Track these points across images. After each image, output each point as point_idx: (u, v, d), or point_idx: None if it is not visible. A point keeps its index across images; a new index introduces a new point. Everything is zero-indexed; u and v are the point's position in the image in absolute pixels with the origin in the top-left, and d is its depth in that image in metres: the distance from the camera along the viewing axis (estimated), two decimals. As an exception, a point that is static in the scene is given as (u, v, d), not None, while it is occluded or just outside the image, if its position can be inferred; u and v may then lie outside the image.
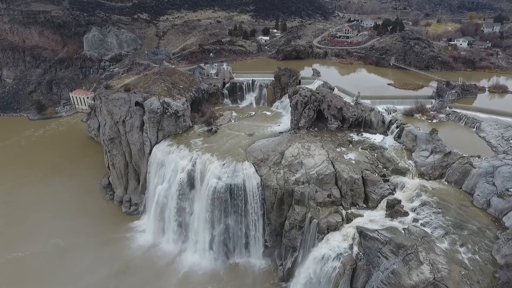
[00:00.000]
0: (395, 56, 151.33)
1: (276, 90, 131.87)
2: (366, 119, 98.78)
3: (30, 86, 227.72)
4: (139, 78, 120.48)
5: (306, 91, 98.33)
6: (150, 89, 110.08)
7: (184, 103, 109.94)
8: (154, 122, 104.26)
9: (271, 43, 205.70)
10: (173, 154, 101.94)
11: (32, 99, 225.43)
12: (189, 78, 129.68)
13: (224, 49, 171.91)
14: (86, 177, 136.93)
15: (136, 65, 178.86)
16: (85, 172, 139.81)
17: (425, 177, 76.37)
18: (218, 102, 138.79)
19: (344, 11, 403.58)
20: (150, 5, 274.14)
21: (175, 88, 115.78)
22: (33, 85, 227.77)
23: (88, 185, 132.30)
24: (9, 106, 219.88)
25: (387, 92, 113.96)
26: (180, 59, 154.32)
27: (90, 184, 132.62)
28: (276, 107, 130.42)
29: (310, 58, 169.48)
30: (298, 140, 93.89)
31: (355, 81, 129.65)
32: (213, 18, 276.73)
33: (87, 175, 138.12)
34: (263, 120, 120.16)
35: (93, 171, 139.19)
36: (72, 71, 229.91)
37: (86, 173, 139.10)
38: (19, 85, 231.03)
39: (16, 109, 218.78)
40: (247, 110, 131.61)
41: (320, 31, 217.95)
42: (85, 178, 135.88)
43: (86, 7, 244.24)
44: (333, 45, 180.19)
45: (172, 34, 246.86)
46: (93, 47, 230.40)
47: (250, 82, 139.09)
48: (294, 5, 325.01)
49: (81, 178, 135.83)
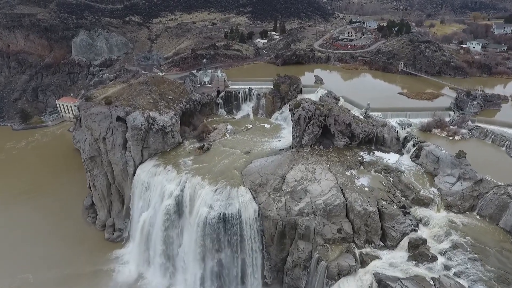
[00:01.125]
0: (403, 61, 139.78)
1: (275, 99, 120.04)
2: (378, 136, 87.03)
3: (15, 93, 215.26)
4: (123, 88, 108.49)
5: (310, 105, 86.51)
6: (134, 102, 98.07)
7: (172, 117, 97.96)
8: (138, 139, 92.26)
9: (269, 46, 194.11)
10: (160, 176, 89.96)
11: (16, 107, 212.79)
12: (179, 88, 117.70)
13: (219, 54, 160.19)
14: (67, 195, 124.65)
15: (124, 71, 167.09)
16: (67, 190, 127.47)
17: (453, 210, 64.65)
18: (212, 112, 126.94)
19: (344, 12, 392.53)
20: (142, 7, 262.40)
21: (163, 99, 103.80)
22: (18, 92, 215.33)
23: (69, 205, 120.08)
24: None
25: (399, 103, 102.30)
26: (170, 66, 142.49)
27: (71, 204, 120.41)
28: (276, 119, 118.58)
29: (312, 63, 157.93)
30: (301, 161, 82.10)
31: (362, 89, 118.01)
32: (208, 20, 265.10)
33: (69, 193, 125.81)
34: (261, 134, 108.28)
35: (76, 189, 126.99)
36: (60, 77, 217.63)
37: (68, 191, 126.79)
38: (3, 92, 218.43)
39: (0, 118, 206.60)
40: (243, 122, 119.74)
41: (321, 34, 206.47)
42: (66, 197, 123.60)
43: (74, 10, 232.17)
44: (336, 49, 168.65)
45: (165, 38, 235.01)
46: (82, 51, 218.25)
47: (247, 90, 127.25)
48: (293, 6, 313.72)
49: (62, 197, 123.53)
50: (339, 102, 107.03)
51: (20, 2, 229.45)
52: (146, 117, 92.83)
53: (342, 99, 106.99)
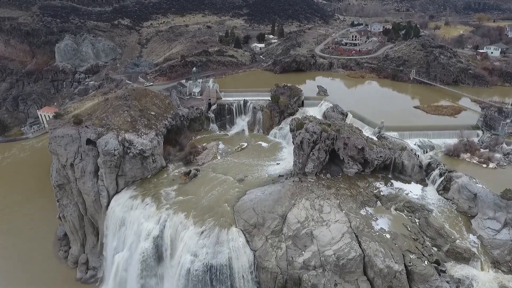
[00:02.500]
0: (415, 68, 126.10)
1: (273, 113, 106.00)
2: (397, 162, 73.09)
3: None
4: (98, 103, 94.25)
5: (315, 126, 72.47)
6: (109, 121, 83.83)
7: (153, 139, 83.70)
8: (111, 166, 77.99)
9: (266, 51, 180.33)
10: (137, 210, 75.70)
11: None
12: (165, 102, 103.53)
13: (212, 61, 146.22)
14: (40, 222, 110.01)
15: (108, 80, 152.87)
16: (40, 216, 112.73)
17: (503, 268, 50.54)
18: (202, 128, 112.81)
19: (344, 14, 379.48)
20: (132, 9, 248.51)
21: (143, 117, 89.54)
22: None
23: (41, 235, 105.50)
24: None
25: (417, 120, 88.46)
26: (157, 75, 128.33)
27: (43, 234, 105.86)
28: (274, 135, 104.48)
29: (313, 70, 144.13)
30: (305, 194, 68.07)
31: (372, 102, 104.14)
32: (202, 23, 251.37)
33: (42, 219, 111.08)
34: (258, 155, 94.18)
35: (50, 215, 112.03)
36: (42, 85, 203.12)
37: (42, 217, 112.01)
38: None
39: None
40: (237, 139, 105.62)
41: (322, 37, 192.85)
42: (38, 225, 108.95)
43: (59, 13, 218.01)
44: (339, 54, 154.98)
45: (156, 42, 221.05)
46: (66, 57, 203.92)
47: (242, 103, 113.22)
48: (291, 8, 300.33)
49: (33, 225, 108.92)
50: (347, 118, 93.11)
51: (0, 5, 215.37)
52: (120, 140, 78.56)
53: (351, 115, 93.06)
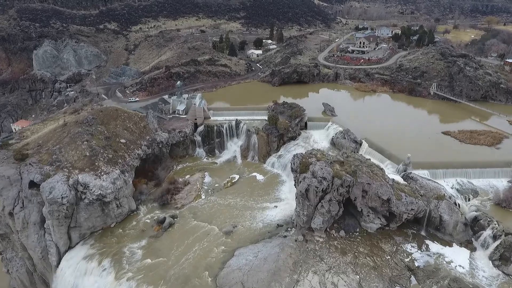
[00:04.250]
0: (436, 81, 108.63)
1: (271, 138, 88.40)
2: (432, 216, 55.26)
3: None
4: (55, 130, 76.46)
5: (324, 168, 54.86)
6: (61, 156, 66.10)
7: (117, 179, 65.90)
8: (59, 218, 60.28)
9: (264, 59, 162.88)
10: (91, 277, 57.93)
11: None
12: (139, 125, 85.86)
13: (201, 72, 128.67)
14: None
15: (84, 93, 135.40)
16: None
17: None
18: (186, 154, 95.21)
19: (346, 17, 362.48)
20: (121, 12, 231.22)
21: (109, 148, 71.79)
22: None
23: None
24: None
25: (451, 152, 70.68)
26: (136, 89, 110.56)
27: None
28: (272, 165, 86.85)
29: (317, 81, 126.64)
30: (313, 264, 50.54)
31: (389, 124, 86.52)
32: (196, 27, 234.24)
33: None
34: (251, 192, 76.53)
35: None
36: (18, 96, 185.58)
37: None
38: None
39: None
40: (227, 169, 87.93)
41: (326, 43, 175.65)
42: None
43: (38, 16, 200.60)
44: (346, 63, 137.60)
45: (145, 48, 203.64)
46: (45, 65, 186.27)
47: (234, 124, 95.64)
48: (291, 11, 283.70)
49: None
50: (361, 147, 75.44)
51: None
52: (72, 184, 60.78)
53: (366, 144, 75.35)
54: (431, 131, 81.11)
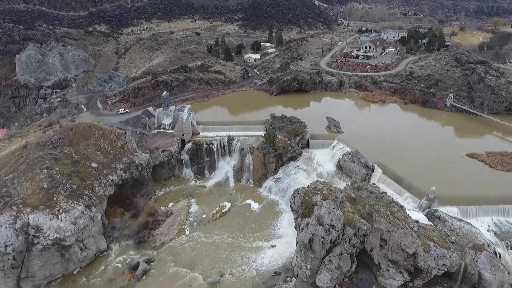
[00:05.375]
0: (453, 91, 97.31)
1: (268, 158, 76.99)
2: (469, 272, 43.78)
3: None
4: (13, 153, 64.98)
5: (333, 212, 43.53)
6: (14, 187, 54.71)
7: (80, 217, 54.39)
8: (6, 268, 48.73)
9: (262, 64, 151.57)
10: None
11: None
12: (116, 144, 74.53)
13: (192, 79, 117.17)
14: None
15: (63, 103, 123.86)
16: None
17: None
18: (172, 175, 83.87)
19: (348, 19, 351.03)
20: (112, 14, 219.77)
21: (74, 176, 60.35)
22: None
23: None
24: None
25: (483, 183, 59.14)
26: (117, 101, 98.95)
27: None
28: (269, 190, 75.51)
29: (319, 90, 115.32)
30: (319, 339, 38.81)
31: (405, 144, 75.11)
32: (191, 29, 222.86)
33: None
34: (244, 226, 65.25)
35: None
36: (1, 103, 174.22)
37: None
38: None
39: None
40: (218, 194, 76.56)
41: (328, 47, 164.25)
42: None
43: (23, 18, 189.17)
44: (350, 69, 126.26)
45: (136, 52, 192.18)
46: (29, 70, 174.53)
47: (226, 141, 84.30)
48: (291, 13, 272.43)
49: None
50: (374, 174, 64.00)
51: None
52: (20, 227, 49.28)
53: (379, 170, 63.89)
54: (454, 153, 69.63)
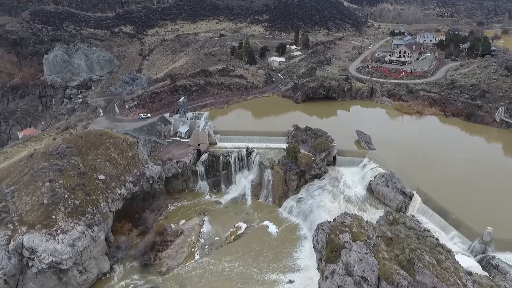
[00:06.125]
0: (504, 104, 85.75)
1: (289, 175, 69.80)
2: None
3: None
4: (19, 161, 61.74)
5: (365, 260, 35.95)
6: (13, 202, 51.02)
7: (80, 237, 49.66)
8: (-4, 293, 44.58)
9: (286, 68, 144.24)
10: None
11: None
12: (127, 154, 69.93)
13: (212, 84, 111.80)
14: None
15: (83, 105, 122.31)
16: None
17: None
18: (186, 187, 78.54)
19: (379, 20, 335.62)
20: (137, 15, 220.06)
21: (79, 190, 55.99)
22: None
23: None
24: None
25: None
26: (133, 105, 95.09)
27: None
28: (289, 211, 68.29)
29: (348, 98, 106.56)
30: None
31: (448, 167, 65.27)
32: (215, 31, 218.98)
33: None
34: (259, 253, 58.45)
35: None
36: (28, 102, 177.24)
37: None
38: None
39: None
40: (233, 212, 70.21)
41: (357, 51, 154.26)
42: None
43: (51, 19, 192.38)
44: (383, 76, 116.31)
45: (160, 53, 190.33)
46: (56, 70, 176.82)
47: (244, 153, 77.90)
48: (319, 14, 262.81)
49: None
50: (413, 203, 55.21)
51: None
52: (14, 249, 45.06)
53: (419, 198, 55.06)
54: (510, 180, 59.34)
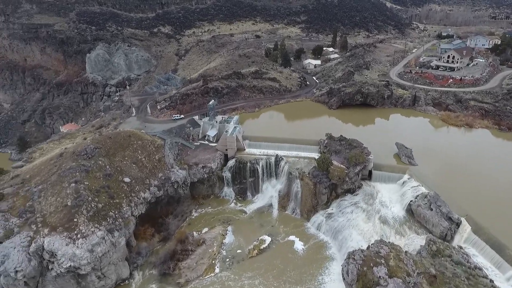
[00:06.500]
0: None
1: (319, 188, 65.22)
2: None
3: (24, 114, 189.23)
4: (50, 160, 62.75)
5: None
6: (39, 201, 51.32)
7: (99, 243, 48.78)
8: (17, 294, 44.66)
9: (322, 71, 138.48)
10: None
11: (24, 130, 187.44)
12: (154, 157, 69.03)
13: (244, 87, 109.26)
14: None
15: (118, 104, 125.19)
16: None
17: None
18: (212, 193, 76.48)
19: (424, 22, 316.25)
20: (176, 15, 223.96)
21: (103, 193, 55.54)
22: (28, 113, 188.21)
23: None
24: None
25: None
26: (164, 107, 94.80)
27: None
28: (318, 226, 63.72)
29: (387, 105, 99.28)
30: None
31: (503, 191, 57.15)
32: (251, 32, 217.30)
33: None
34: (283, 271, 54.64)
35: None
36: (71, 98, 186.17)
37: None
38: (14, 112, 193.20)
39: (2, 143, 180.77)
40: (258, 223, 66.88)
41: (400, 54, 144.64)
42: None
43: (96, 19, 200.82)
44: (428, 83, 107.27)
45: (195, 53, 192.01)
46: (97, 68, 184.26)
47: (272, 161, 74.22)
48: (359, 15, 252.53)
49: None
50: (460, 233, 48.52)
51: (39, 11, 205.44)
52: (35, 251, 44.93)
53: (468, 227, 48.35)
54: None
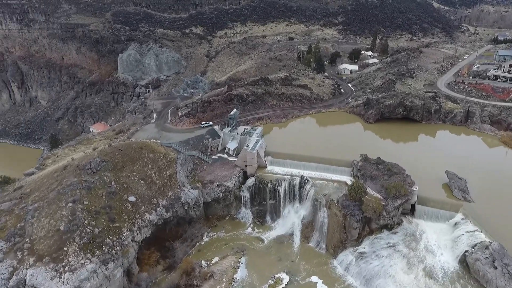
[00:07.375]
0: None
1: (349, 221, 55.28)
2: None
3: (59, 111, 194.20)
4: (53, 173, 58.24)
5: None
6: (32, 223, 46.40)
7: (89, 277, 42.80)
8: (-4, 330, 39.63)
9: (359, 78, 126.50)
10: None
11: (57, 128, 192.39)
12: (165, 173, 62.64)
13: (272, 94, 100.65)
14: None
15: (142, 107, 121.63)
16: None
17: None
18: (227, 214, 69.14)
19: (475, 24, 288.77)
20: (209, 16, 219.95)
21: (102, 215, 49.75)
22: (62, 110, 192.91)
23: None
24: (31, 135, 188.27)
25: None
26: (183, 115, 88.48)
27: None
28: (346, 267, 53.90)
29: (434, 121, 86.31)
30: None
31: None
32: (284, 34, 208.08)
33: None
34: (302, 323, 45.47)
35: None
36: (102, 98, 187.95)
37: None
38: (50, 109, 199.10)
39: (37, 139, 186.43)
40: (276, 256, 58.31)
41: (449, 61, 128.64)
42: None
43: (130, 20, 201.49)
44: (484, 96, 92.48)
45: (226, 55, 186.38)
46: (128, 69, 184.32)
47: (297, 183, 65.17)
48: (402, 16, 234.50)
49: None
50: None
51: (77, 11, 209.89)
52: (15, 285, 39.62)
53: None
54: None
